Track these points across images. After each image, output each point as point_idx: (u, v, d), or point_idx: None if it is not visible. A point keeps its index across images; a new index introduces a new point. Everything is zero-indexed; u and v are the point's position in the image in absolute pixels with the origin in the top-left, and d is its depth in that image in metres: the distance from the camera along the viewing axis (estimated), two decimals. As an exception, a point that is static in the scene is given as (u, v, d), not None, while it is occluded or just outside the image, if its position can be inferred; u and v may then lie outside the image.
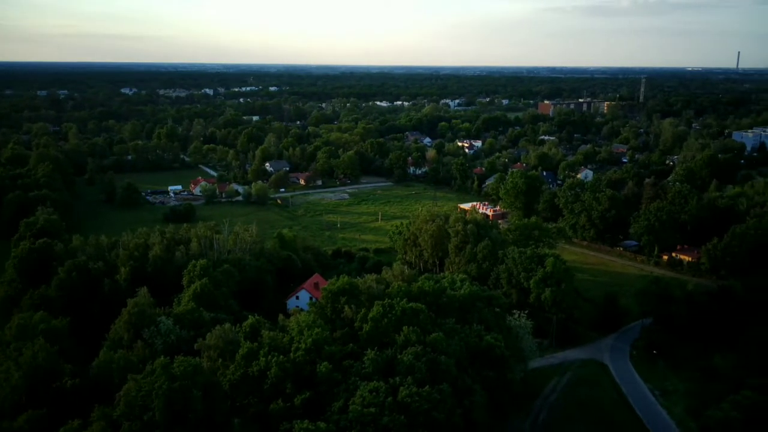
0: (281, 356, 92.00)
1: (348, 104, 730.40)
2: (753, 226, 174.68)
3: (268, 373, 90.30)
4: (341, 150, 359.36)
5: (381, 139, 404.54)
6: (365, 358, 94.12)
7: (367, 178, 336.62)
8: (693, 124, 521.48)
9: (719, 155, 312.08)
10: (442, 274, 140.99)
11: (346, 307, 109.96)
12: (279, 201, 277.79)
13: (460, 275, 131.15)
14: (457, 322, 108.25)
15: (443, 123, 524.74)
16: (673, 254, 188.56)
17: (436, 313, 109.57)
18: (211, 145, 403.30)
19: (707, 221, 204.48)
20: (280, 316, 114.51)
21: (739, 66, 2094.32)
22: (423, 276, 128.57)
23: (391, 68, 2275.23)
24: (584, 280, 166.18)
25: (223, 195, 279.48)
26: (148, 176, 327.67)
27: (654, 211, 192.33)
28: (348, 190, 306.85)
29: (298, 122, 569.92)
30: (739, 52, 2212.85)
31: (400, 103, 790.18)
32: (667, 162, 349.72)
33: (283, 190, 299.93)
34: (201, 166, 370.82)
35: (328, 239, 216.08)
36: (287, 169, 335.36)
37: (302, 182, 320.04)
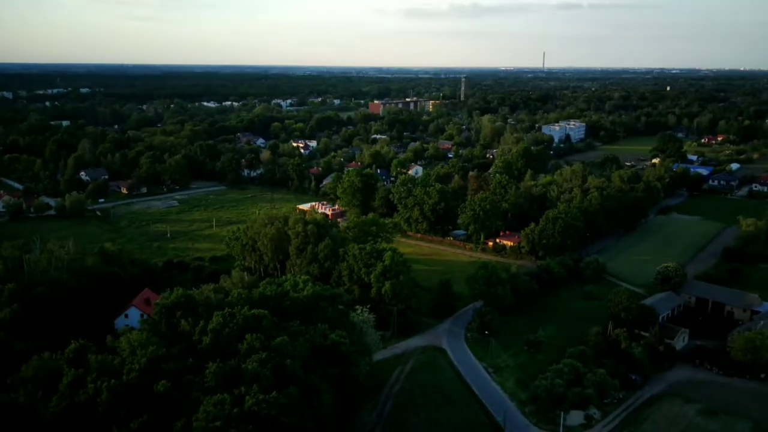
0: (113, 380, 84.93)
1: (172, 105, 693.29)
2: (563, 210, 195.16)
3: (99, 399, 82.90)
4: (167, 154, 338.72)
5: (211, 142, 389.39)
6: (207, 371, 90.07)
7: (198, 182, 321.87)
8: (508, 120, 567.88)
9: (532, 147, 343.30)
10: (284, 277, 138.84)
11: (183, 321, 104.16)
12: (99, 213, 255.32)
13: (302, 277, 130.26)
14: (301, 323, 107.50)
15: (276, 123, 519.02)
16: (498, 240, 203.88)
17: (280, 317, 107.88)
18: (14, 154, 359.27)
19: (525, 208, 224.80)
20: (109, 337, 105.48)
21: (545, 65, 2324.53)
22: (264, 281, 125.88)
23: (218, 67, 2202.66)
24: (421, 271, 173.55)
25: (32, 209, 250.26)
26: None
27: (478, 202, 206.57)
28: (177, 197, 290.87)
29: (116, 126, 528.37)
30: (544, 53, 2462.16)
31: (229, 103, 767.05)
32: (488, 155, 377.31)
33: (102, 200, 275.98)
34: (2, 178, 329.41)
35: (158, 250, 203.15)
36: (106, 177, 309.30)
37: (124, 191, 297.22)
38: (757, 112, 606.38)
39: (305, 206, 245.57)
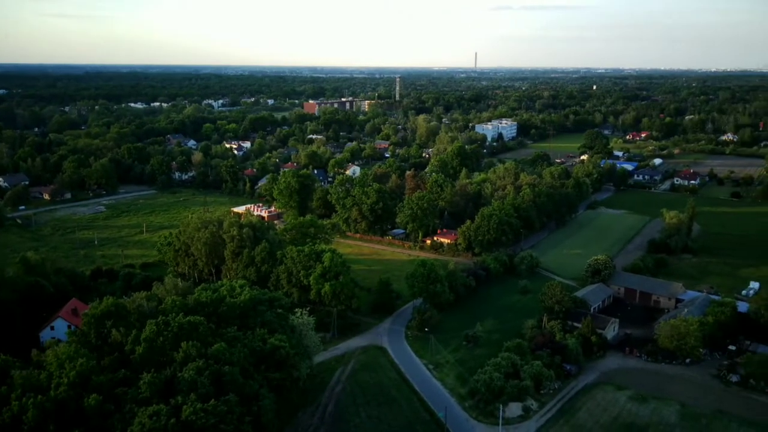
0: (39, 396, 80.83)
1: (97, 107, 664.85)
2: (497, 207, 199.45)
3: (25, 417, 78.73)
4: (93, 158, 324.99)
5: (139, 144, 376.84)
6: (141, 382, 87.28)
7: (127, 187, 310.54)
8: (443, 119, 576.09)
9: (466, 146, 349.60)
10: (220, 282, 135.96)
11: (114, 331, 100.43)
12: (19, 221, 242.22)
13: (239, 281, 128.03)
14: (239, 329, 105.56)
15: (208, 124, 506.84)
16: (435, 238, 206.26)
17: (216, 324, 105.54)
18: None
19: (461, 206, 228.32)
20: (34, 351, 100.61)
21: (477, 66, 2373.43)
22: (199, 287, 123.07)
23: (145, 67, 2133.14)
24: (360, 271, 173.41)
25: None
26: None
27: (416, 201, 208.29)
28: (104, 202, 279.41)
29: (36, 129, 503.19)
30: (476, 53, 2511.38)
31: (158, 104, 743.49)
32: (424, 154, 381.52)
33: (23, 207, 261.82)
34: None
35: (85, 258, 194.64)
36: (26, 183, 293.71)
37: (47, 197, 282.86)
38: (677, 110, 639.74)
39: (240, 209, 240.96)
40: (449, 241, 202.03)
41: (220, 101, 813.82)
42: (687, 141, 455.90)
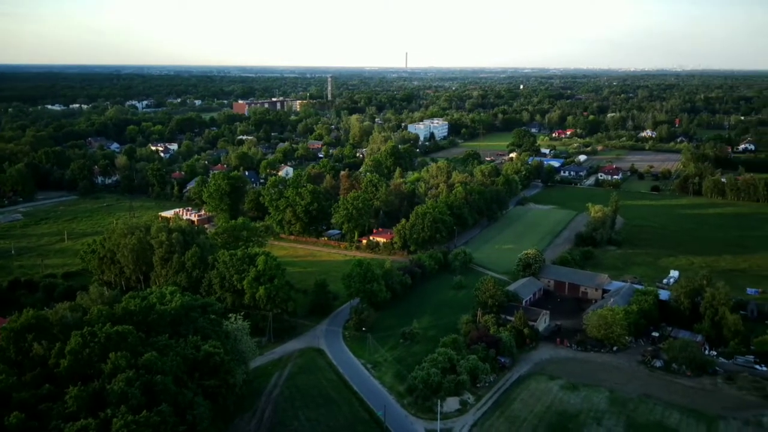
0: (-49, 419, 75.31)
1: (10, 109, 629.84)
2: (431, 205, 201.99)
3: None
4: (7, 163, 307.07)
5: (58, 148, 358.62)
6: (67, 396, 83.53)
7: (45, 193, 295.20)
8: (376, 119, 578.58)
9: (400, 146, 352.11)
10: (149, 289, 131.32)
11: (36, 345, 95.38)
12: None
13: (169, 288, 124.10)
14: (171, 336, 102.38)
15: (132, 126, 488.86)
16: (371, 237, 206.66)
17: (146, 332, 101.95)
18: None
19: (396, 205, 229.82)
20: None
21: (408, 65, 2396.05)
22: (127, 295, 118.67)
23: (62, 67, 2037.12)
24: (296, 273, 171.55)
25: None
26: None
27: (351, 201, 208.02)
28: (21, 210, 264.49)
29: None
30: (407, 53, 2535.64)
31: (77, 106, 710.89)
32: (358, 154, 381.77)
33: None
34: None
35: (1, 269, 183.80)
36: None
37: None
38: (600, 108, 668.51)
39: (168, 213, 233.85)
40: (385, 240, 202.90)
41: (145, 102, 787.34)
42: (609, 138, 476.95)
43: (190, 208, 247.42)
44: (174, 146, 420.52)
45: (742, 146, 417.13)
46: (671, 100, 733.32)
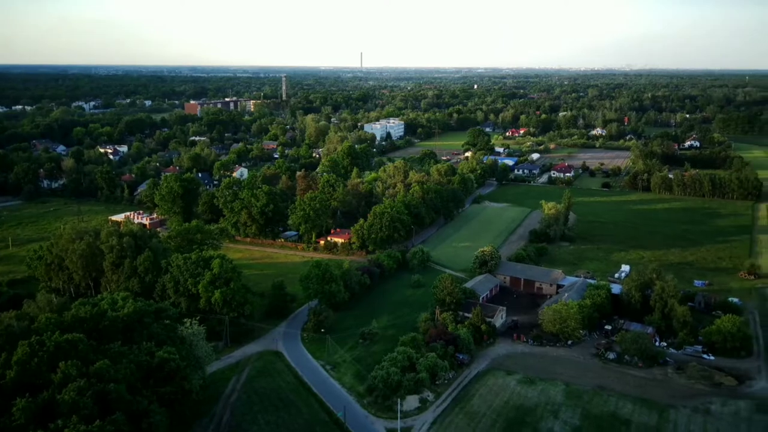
0: None
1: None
2: (389, 205, 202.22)
3: None
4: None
5: (1, 151, 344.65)
6: (14, 408, 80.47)
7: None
8: (332, 119, 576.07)
9: (356, 146, 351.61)
10: (99, 295, 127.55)
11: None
12: None
13: (121, 293, 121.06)
14: (124, 343, 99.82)
15: (79, 128, 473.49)
16: (329, 238, 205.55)
17: (98, 340, 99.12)
18: None
19: (353, 205, 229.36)
20: None
21: (363, 65, 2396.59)
22: (77, 302, 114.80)
23: (3, 67, 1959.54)
24: (253, 275, 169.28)
25: None
26: None
27: (308, 201, 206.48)
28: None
29: None
30: (361, 53, 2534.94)
31: (20, 107, 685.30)
32: (314, 154, 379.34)
33: None
34: None
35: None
36: None
37: None
38: (552, 107, 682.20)
39: (119, 217, 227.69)
40: (343, 240, 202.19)
41: (92, 103, 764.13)
42: (561, 136, 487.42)
43: (141, 212, 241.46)
44: (124, 148, 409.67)
45: (687, 143, 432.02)
46: (620, 98, 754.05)
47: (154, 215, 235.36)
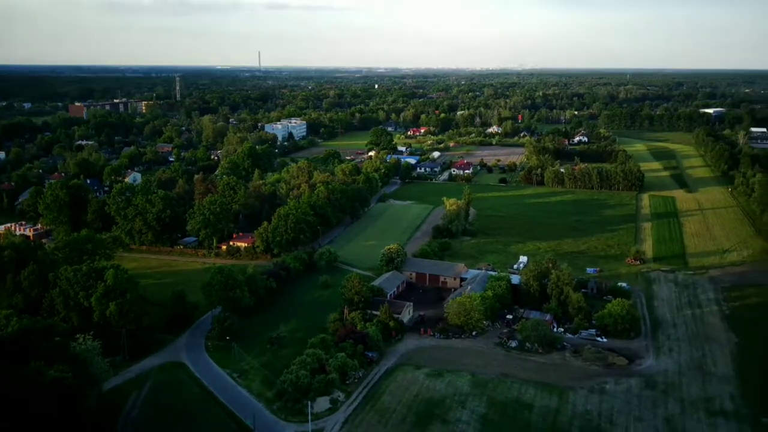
0: None
1: None
2: (294, 206, 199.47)
3: None
4: None
5: None
6: None
7: None
8: (230, 120, 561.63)
9: (257, 147, 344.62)
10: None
11: None
12: None
13: (4, 311, 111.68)
14: (10, 364, 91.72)
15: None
16: (231, 243, 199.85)
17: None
18: None
19: (256, 207, 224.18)
20: None
21: (261, 65, 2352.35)
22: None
23: None
24: (150, 285, 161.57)
25: None
26: None
27: (207, 205, 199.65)
28: None
29: None
30: (259, 52, 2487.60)
31: None
32: (212, 156, 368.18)
33: None
34: None
35: None
36: None
37: None
38: (450, 106, 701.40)
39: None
40: (246, 244, 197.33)
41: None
42: (460, 134, 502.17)
43: (23, 222, 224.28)
44: (1, 154, 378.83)
45: (576, 138, 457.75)
46: (514, 97, 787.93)
47: (39, 226, 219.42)
